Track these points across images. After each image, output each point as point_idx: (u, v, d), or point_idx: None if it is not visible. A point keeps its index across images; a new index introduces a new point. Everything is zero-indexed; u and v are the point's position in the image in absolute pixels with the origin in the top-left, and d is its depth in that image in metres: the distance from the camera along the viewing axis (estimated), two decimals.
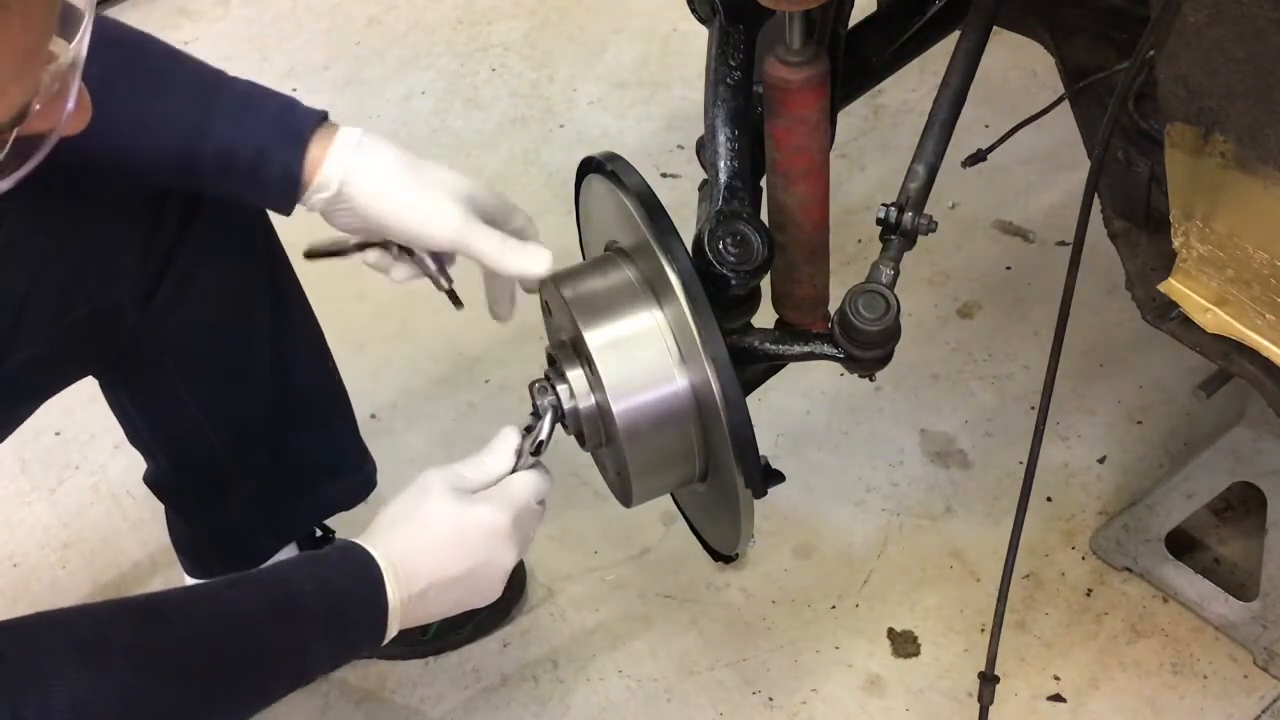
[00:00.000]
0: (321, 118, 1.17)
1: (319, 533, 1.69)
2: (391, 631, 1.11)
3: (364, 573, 1.09)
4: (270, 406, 1.47)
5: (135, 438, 1.53)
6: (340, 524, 1.71)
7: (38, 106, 0.77)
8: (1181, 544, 1.73)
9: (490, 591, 1.16)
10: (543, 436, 1.23)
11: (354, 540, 1.12)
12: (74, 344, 1.31)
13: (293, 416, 1.50)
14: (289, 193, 1.17)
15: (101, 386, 1.47)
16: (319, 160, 1.16)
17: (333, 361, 1.55)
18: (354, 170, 1.16)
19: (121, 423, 1.52)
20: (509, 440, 1.22)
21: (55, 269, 1.24)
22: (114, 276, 1.29)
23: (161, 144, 1.16)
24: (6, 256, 1.20)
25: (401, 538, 1.12)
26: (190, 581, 1.65)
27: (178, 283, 1.34)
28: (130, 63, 1.18)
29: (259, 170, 1.15)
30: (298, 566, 1.11)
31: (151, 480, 1.58)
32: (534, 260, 1.21)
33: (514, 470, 1.21)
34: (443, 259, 1.28)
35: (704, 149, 1.30)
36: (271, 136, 1.15)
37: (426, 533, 1.13)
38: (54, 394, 1.37)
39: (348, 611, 1.08)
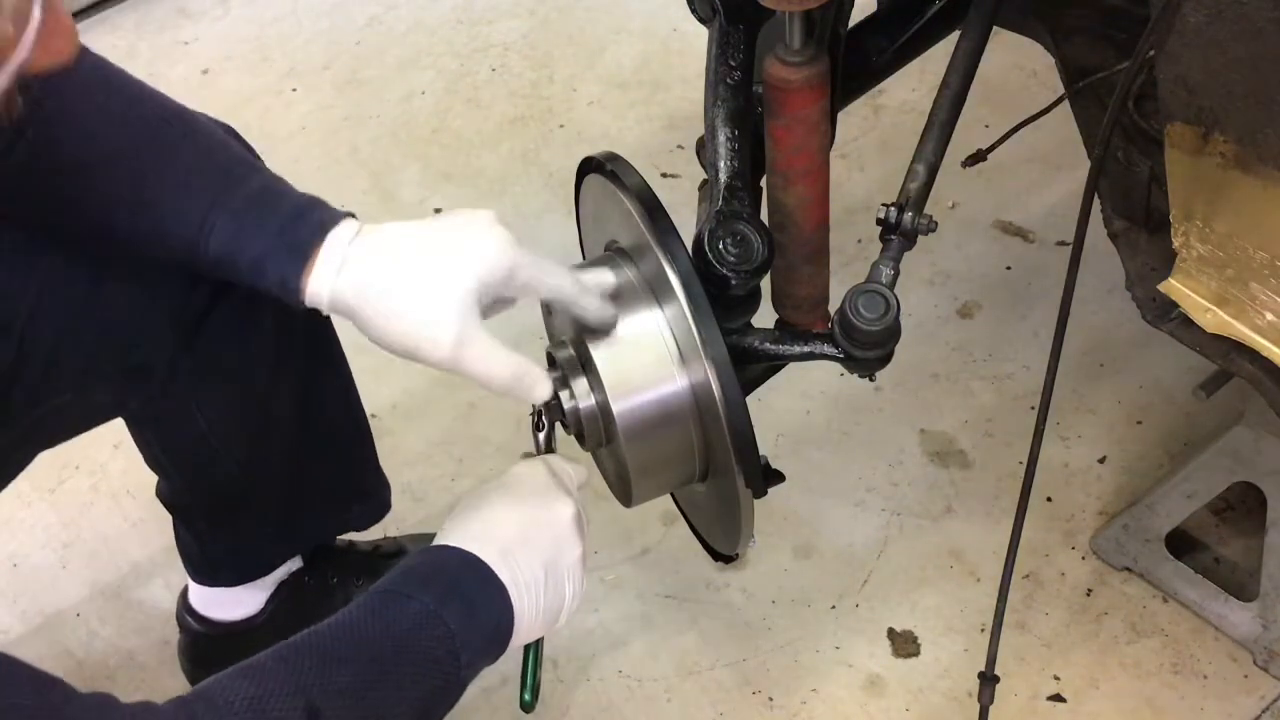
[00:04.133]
0: (330, 223, 1.11)
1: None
2: (513, 598, 1.09)
3: (441, 548, 1.10)
4: (294, 440, 1.46)
5: (154, 463, 1.52)
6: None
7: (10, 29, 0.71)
8: (1181, 544, 1.73)
9: (569, 540, 1.15)
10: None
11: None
12: (101, 396, 1.31)
13: (314, 448, 1.49)
14: (290, 300, 1.11)
15: (122, 415, 1.46)
16: (308, 280, 1.10)
17: (357, 394, 1.54)
18: (339, 289, 1.09)
19: (141, 450, 1.51)
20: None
21: (87, 325, 1.22)
22: (147, 334, 1.27)
23: (163, 235, 1.13)
24: (38, 310, 1.18)
25: (455, 526, 1.13)
26: (195, 585, 1.64)
27: (212, 335, 1.31)
28: (157, 142, 1.13)
29: (257, 278, 1.11)
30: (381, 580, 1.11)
31: (165, 497, 1.58)
32: (533, 391, 1.15)
33: None
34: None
35: (704, 149, 1.31)
36: (271, 248, 1.10)
37: (472, 510, 1.14)
38: (74, 437, 1.36)
39: (454, 577, 1.08)
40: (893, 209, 1.27)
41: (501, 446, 1.95)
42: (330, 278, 1.08)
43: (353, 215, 1.13)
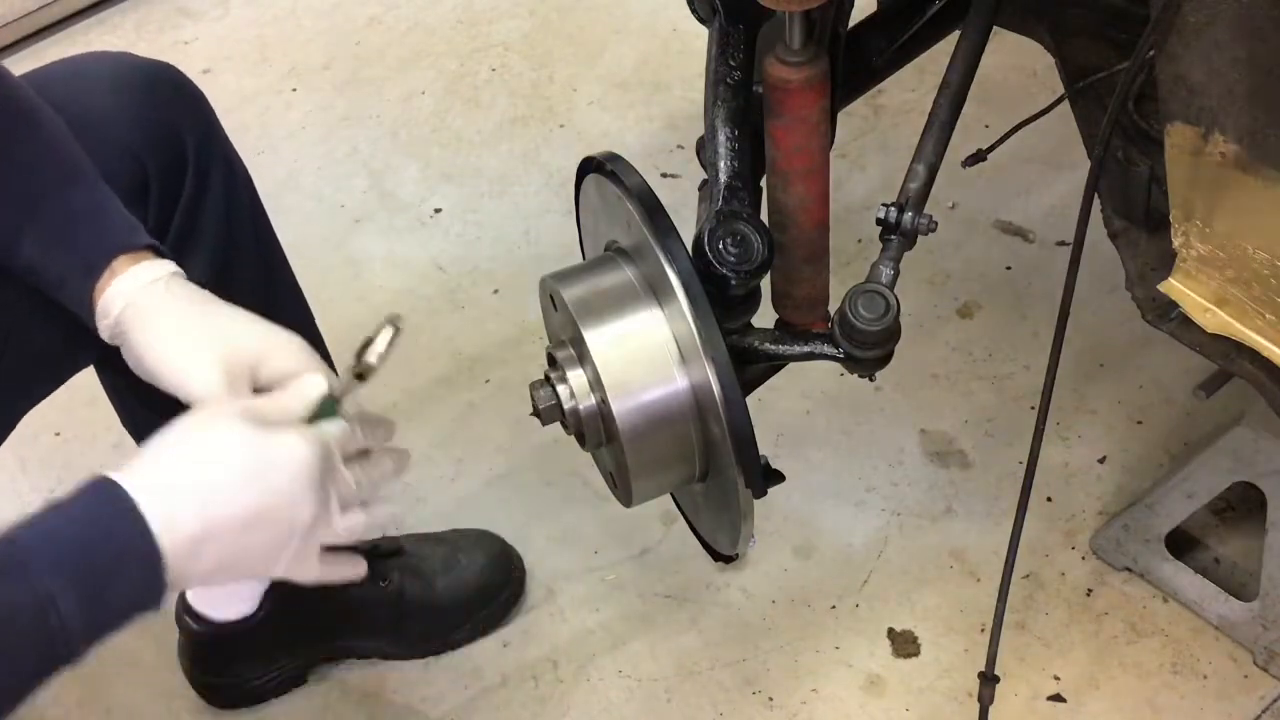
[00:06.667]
0: (135, 247, 1.11)
1: None
2: (171, 588, 0.92)
3: (115, 516, 0.90)
4: None
5: (128, 419, 1.53)
6: None
7: None
8: (1181, 544, 1.73)
9: (273, 551, 0.96)
10: (378, 354, 1.08)
11: (108, 474, 0.92)
12: (70, 337, 1.30)
13: None
14: (89, 319, 1.11)
15: (96, 368, 1.46)
16: (104, 290, 1.09)
17: (326, 350, 1.54)
18: (134, 306, 1.08)
19: (115, 404, 1.51)
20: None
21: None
22: None
23: None
24: None
25: (175, 467, 0.94)
26: None
27: None
28: None
29: (63, 294, 1.12)
30: (26, 522, 0.93)
31: None
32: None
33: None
34: None
35: (704, 149, 1.31)
36: (71, 266, 1.11)
37: (211, 460, 0.94)
38: (55, 388, 1.36)
39: (97, 563, 0.89)
40: (893, 209, 1.27)
41: (501, 446, 1.95)
42: (129, 292, 1.08)
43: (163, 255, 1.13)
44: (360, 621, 1.69)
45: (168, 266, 1.12)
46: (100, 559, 0.89)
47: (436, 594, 1.70)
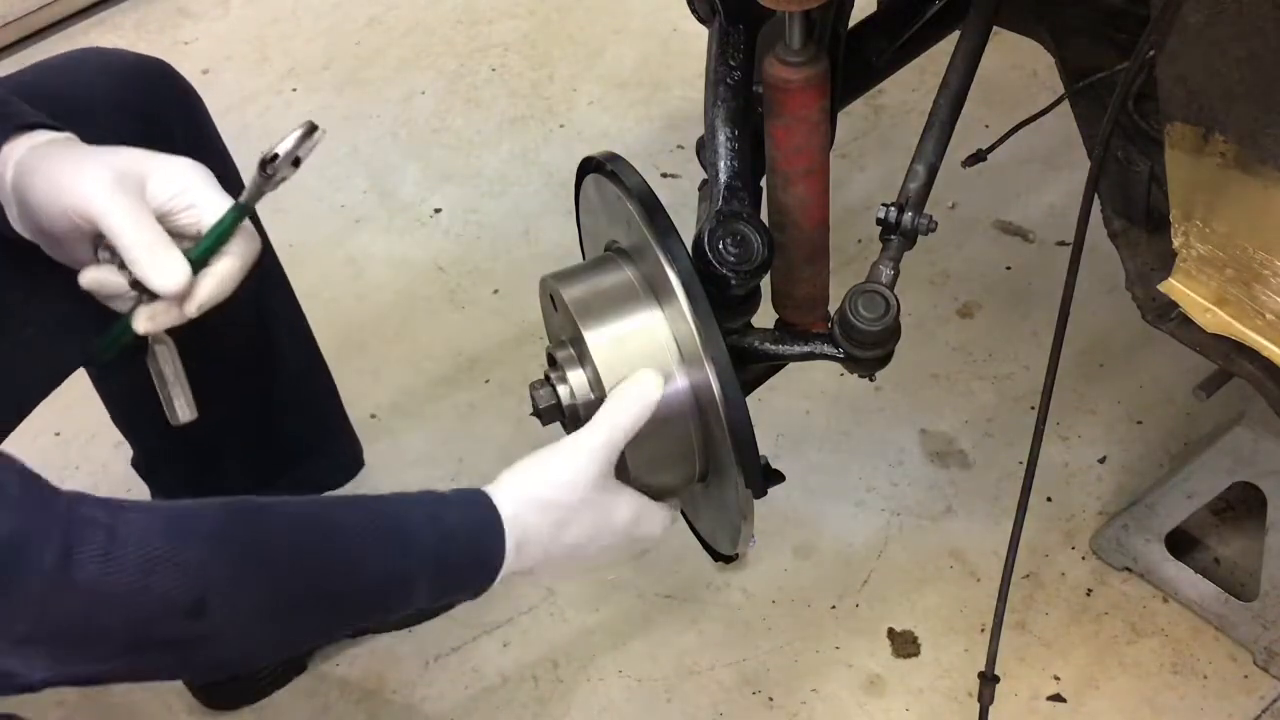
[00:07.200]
0: (34, 126, 1.09)
1: None
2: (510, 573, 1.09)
3: (486, 540, 1.06)
4: (255, 386, 1.47)
5: (120, 419, 1.53)
6: None
7: None
8: (1181, 544, 1.73)
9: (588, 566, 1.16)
10: (285, 149, 1.08)
11: (489, 497, 1.09)
12: (59, 335, 1.29)
13: (277, 396, 1.50)
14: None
15: (87, 369, 1.46)
16: None
17: (316, 345, 1.55)
18: (22, 165, 1.06)
19: (107, 404, 1.52)
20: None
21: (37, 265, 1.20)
22: None
23: None
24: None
25: (537, 514, 1.10)
26: None
27: None
28: None
29: None
30: (418, 500, 1.07)
31: (138, 464, 1.59)
32: (164, 271, 1.04)
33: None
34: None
35: (704, 149, 1.30)
36: None
37: (565, 521, 1.11)
38: (56, 384, 1.35)
39: (458, 560, 1.05)
40: (893, 209, 1.27)
41: (502, 446, 1.95)
42: (19, 152, 1.06)
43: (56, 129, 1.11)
44: None
45: (61, 134, 1.09)
46: (462, 566, 1.05)
47: None
